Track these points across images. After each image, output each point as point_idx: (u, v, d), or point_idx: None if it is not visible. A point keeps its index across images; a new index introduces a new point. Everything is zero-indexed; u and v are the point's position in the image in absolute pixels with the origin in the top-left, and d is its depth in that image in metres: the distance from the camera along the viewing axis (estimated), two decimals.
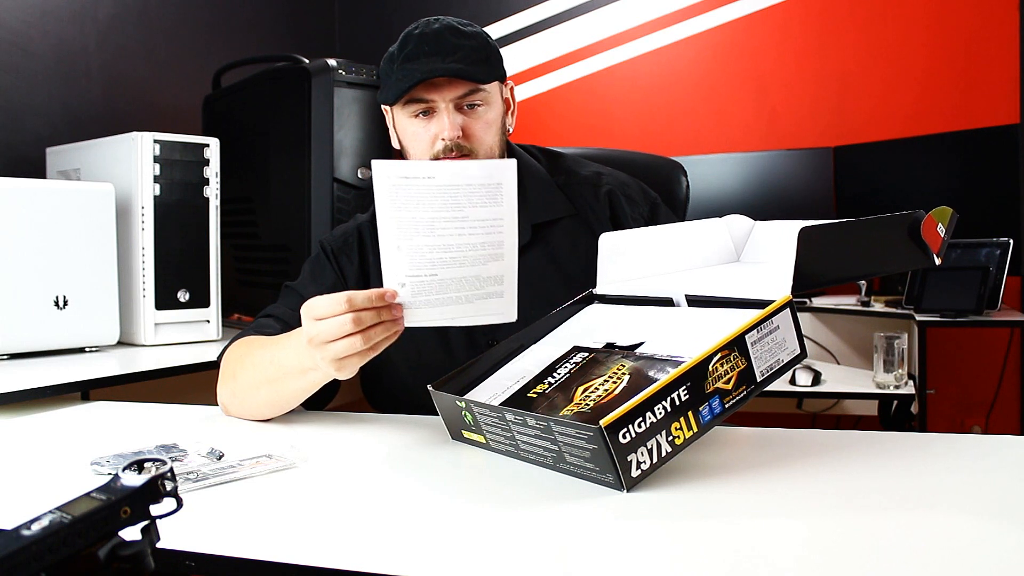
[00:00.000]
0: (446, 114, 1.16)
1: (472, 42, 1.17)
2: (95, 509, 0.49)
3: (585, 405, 0.82)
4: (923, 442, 0.93)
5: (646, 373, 0.83)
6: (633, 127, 3.27)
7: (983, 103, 2.84)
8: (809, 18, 3.09)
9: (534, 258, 1.24)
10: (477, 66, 1.16)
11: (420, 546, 0.67)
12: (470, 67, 1.15)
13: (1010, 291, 2.59)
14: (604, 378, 0.86)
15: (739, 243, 1.10)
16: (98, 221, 1.60)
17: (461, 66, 1.15)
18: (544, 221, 1.26)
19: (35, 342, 1.52)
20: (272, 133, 1.91)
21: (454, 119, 1.16)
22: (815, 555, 0.63)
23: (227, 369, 1.16)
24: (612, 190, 1.30)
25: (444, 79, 1.15)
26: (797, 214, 2.94)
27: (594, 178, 1.31)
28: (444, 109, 1.16)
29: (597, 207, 1.28)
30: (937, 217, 0.94)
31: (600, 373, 0.87)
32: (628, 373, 0.85)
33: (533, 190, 1.27)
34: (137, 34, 2.29)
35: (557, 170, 1.32)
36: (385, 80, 1.20)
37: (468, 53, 1.16)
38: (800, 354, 0.87)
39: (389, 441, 1.01)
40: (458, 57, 1.15)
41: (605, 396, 0.82)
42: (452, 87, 1.16)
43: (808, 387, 2.44)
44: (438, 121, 1.17)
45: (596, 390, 0.84)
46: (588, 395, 0.84)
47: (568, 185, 1.30)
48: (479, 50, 1.17)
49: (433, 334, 1.22)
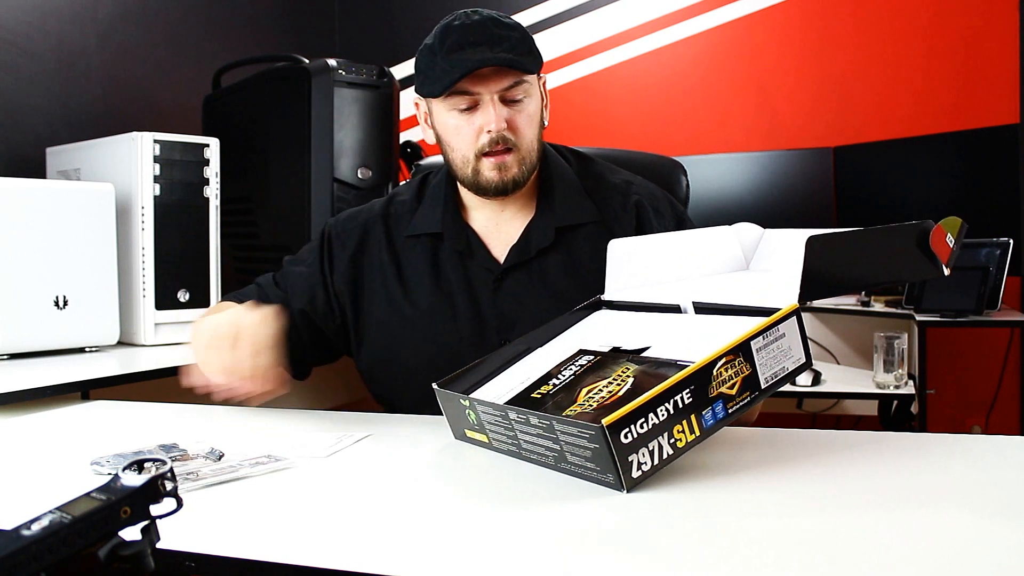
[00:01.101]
0: (492, 106, 1.14)
1: (516, 33, 1.16)
2: (95, 509, 0.49)
3: (588, 406, 0.82)
4: (923, 442, 0.93)
5: (650, 376, 0.83)
6: (633, 127, 3.27)
7: (983, 103, 2.84)
8: (809, 18, 3.09)
9: (554, 261, 1.23)
10: (524, 56, 1.15)
11: (420, 546, 0.67)
12: (519, 57, 1.14)
13: (1010, 291, 2.59)
14: (608, 380, 0.86)
15: (748, 251, 1.10)
16: (98, 221, 1.59)
17: (511, 56, 1.12)
18: (568, 225, 1.24)
19: (35, 342, 1.52)
20: (272, 133, 1.91)
21: (500, 111, 1.14)
22: (815, 555, 0.63)
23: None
24: (641, 201, 1.27)
25: (489, 70, 1.12)
26: (797, 214, 2.95)
27: (624, 186, 1.29)
28: (489, 101, 1.14)
29: (623, 216, 1.25)
30: (946, 227, 0.93)
31: (605, 375, 0.87)
32: (633, 376, 0.85)
33: (560, 192, 1.25)
34: (137, 34, 2.29)
35: (586, 174, 1.30)
36: (427, 73, 1.17)
37: (515, 44, 1.14)
38: (805, 363, 0.87)
39: (391, 440, 1.01)
40: (505, 47, 1.12)
41: (609, 397, 0.82)
42: (498, 79, 1.14)
43: (808, 387, 2.44)
44: (483, 113, 1.15)
45: (600, 391, 0.84)
46: (592, 396, 0.84)
47: (596, 190, 1.28)
48: (524, 41, 1.16)
49: (444, 326, 1.22)
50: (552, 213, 1.24)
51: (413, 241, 1.27)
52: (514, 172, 1.17)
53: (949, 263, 0.94)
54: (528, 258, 1.23)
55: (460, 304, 1.22)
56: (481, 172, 1.18)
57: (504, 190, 1.19)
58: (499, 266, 1.23)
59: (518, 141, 1.17)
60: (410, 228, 1.28)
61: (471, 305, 1.22)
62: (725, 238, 1.09)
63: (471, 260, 1.23)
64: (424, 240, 1.26)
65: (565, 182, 1.27)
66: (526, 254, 1.23)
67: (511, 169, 1.17)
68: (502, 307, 1.21)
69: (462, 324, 1.21)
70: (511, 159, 1.17)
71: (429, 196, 1.29)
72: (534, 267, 1.23)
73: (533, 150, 1.20)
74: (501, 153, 1.16)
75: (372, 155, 1.85)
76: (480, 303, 1.22)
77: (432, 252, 1.25)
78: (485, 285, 1.22)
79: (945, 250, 0.94)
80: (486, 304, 1.22)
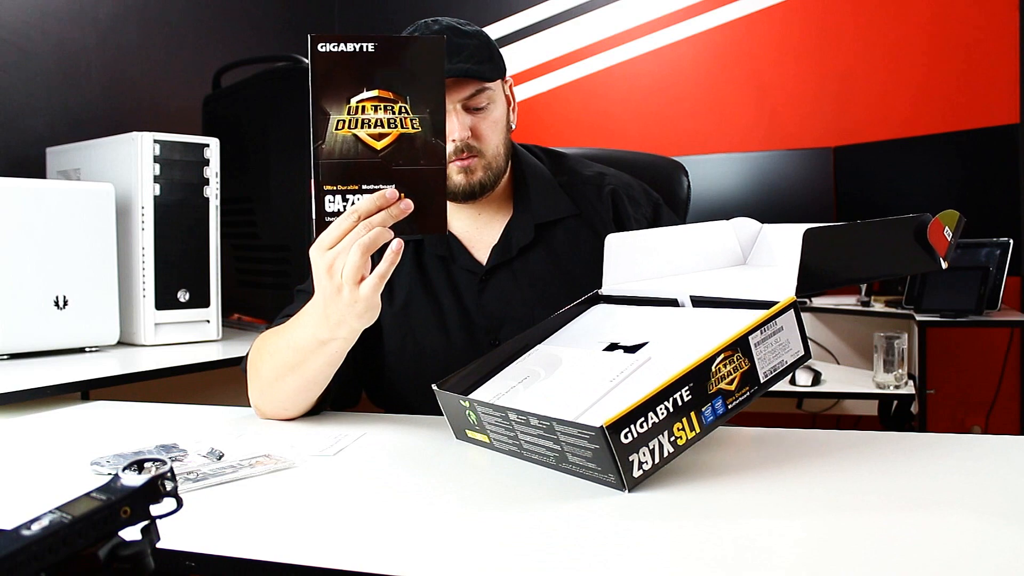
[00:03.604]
0: (455, 115, 1.15)
1: (474, 41, 1.16)
2: (95, 509, 0.48)
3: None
4: (923, 442, 0.93)
5: None
6: (633, 127, 3.27)
7: (983, 103, 2.84)
8: (809, 18, 3.09)
9: (537, 258, 1.24)
10: (483, 65, 1.16)
11: (421, 546, 0.67)
12: (477, 66, 1.15)
13: (1010, 291, 2.59)
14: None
15: (746, 245, 1.10)
16: (98, 221, 1.59)
17: (468, 65, 1.14)
18: (547, 221, 1.26)
19: (35, 342, 1.52)
20: (272, 133, 1.91)
21: (463, 120, 1.15)
22: (815, 555, 0.63)
23: (251, 369, 1.14)
24: (615, 190, 1.30)
25: (450, 80, 1.13)
26: (797, 214, 2.95)
27: (597, 178, 1.31)
28: (452, 111, 1.15)
29: (600, 207, 1.28)
30: (944, 220, 0.94)
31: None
32: None
33: (536, 190, 1.27)
34: (137, 34, 2.29)
35: (560, 170, 1.32)
36: None
37: (473, 52, 1.15)
38: (804, 355, 0.87)
39: (391, 440, 1.01)
40: (463, 57, 1.14)
41: None
42: (459, 88, 1.15)
43: (808, 387, 2.44)
44: (447, 123, 1.16)
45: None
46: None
47: (571, 185, 1.30)
48: (483, 48, 1.17)
49: (433, 330, 1.22)
50: (530, 211, 1.25)
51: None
52: (479, 176, 1.19)
53: (947, 256, 0.94)
54: (510, 257, 1.24)
55: (447, 308, 1.23)
56: (449, 177, 1.18)
57: (472, 193, 1.20)
58: (482, 267, 1.24)
59: (483, 147, 1.18)
60: None
61: (458, 308, 1.22)
62: (723, 232, 1.09)
63: (453, 264, 1.24)
64: (408, 248, 1.26)
65: (540, 180, 1.28)
66: (508, 253, 1.24)
67: (476, 172, 1.18)
68: (489, 308, 1.22)
69: (451, 328, 1.22)
70: (476, 163, 1.18)
71: None
72: (517, 266, 1.24)
73: (499, 155, 1.21)
74: (466, 158, 1.17)
75: None
76: (467, 306, 1.23)
77: (416, 258, 1.25)
78: (470, 287, 1.23)
79: (943, 243, 0.94)
80: (472, 306, 1.22)
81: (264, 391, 1.11)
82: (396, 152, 0.92)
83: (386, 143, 0.92)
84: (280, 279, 1.88)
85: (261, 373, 1.11)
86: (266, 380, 1.10)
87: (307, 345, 1.03)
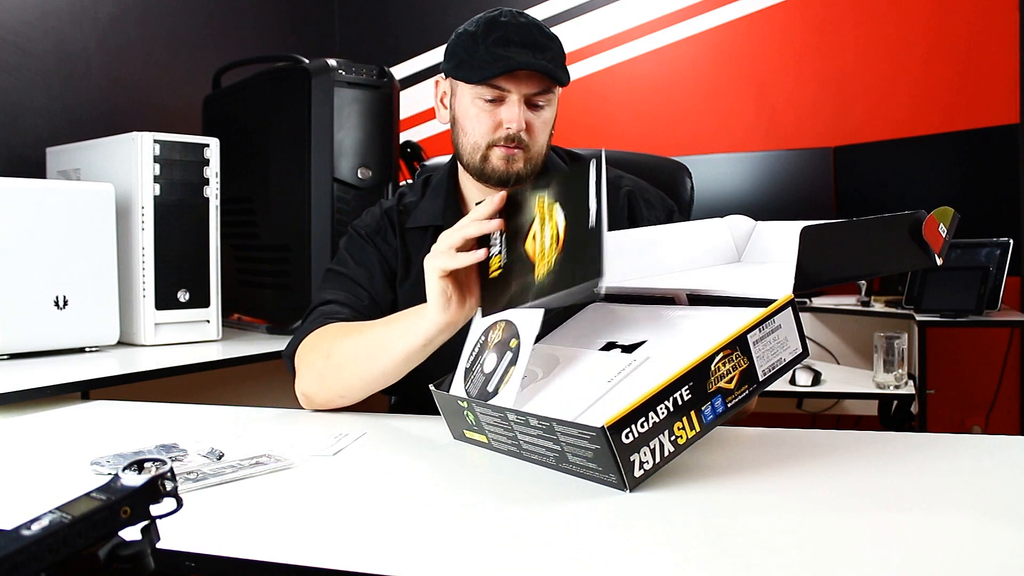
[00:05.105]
0: (518, 106, 1.19)
1: (556, 44, 1.22)
2: (95, 509, 0.48)
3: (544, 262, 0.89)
4: (923, 442, 0.93)
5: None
6: (633, 127, 3.27)
7: (983, 103, 2.83)
8: (809, 18, 3.09)
9: None
10: (560, 70, 1.21)
11: (421, 546, 0.67)
12: (557, 68, 1.20)
13: (1010, 291, 2.59)
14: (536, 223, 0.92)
15: (740, 243, 1.11)
16: (98, 221, 1.59)
17: (551, 65, 1.19)
18: None
19: (35, 342, 1.52)
20: (272, 133, 1.91)
21: (523, 112, 1.20)
22: (816, 555, 0.63)
23: (314, 353, 1.16)
24: (632, 191, 1.33)
25: (526, 73, 1.18)
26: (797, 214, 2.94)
27: (615, 180, 1.34)
28: (516, 100, 1.19)
29: (616, 207, 1.31)
30: (939, 217, 0.94)
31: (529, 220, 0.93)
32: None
33: None
34: (137, 34, 2.29)
35: None
36: (466, 58, 1.21)
37: (555, 55, 1.21)
38: (802, 353, 0.87)
39: (390, 441, 1.01)
40: (547, 56, 1.19)
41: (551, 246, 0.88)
42: (531, 83, 1.19)
43: (808, 387, 2.44)
44: (508, 110, 1.20)
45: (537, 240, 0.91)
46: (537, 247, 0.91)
47: None
48: (561, 54, 1.23)
49: None
50: None
51: (419, 233, 1.31)
52: (519, 167, 1.23)
53: (942, 253, 0.94)
54: None
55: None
56: (489, 159, 1.23)
57: (507, 181, 1.23)
58: None
59: (531, 143, 1.22)
60: (411, 220, 1.33)
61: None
62: (717, 230, 1.09)
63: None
64: (428, 233, 1.30)
65: None
66: None
67: (517, 163, 1.22)
68: None
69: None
70: (520, 155, 1.22)
71: (431, 191, 1.35)
72: None
73: (541, 154, 1.25)
74: (513, 148, 1.21)
75: (372, 155, 1.85)
76: None
77: (433, 241, 1.25)
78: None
79: (937, 240, 0.94)
80: None
81: (327, 375, 1.14)
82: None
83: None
84: (280, 279, 1.89)
85: (332, 356, 1.13)
86: (336, 363, 1.12)
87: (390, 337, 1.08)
